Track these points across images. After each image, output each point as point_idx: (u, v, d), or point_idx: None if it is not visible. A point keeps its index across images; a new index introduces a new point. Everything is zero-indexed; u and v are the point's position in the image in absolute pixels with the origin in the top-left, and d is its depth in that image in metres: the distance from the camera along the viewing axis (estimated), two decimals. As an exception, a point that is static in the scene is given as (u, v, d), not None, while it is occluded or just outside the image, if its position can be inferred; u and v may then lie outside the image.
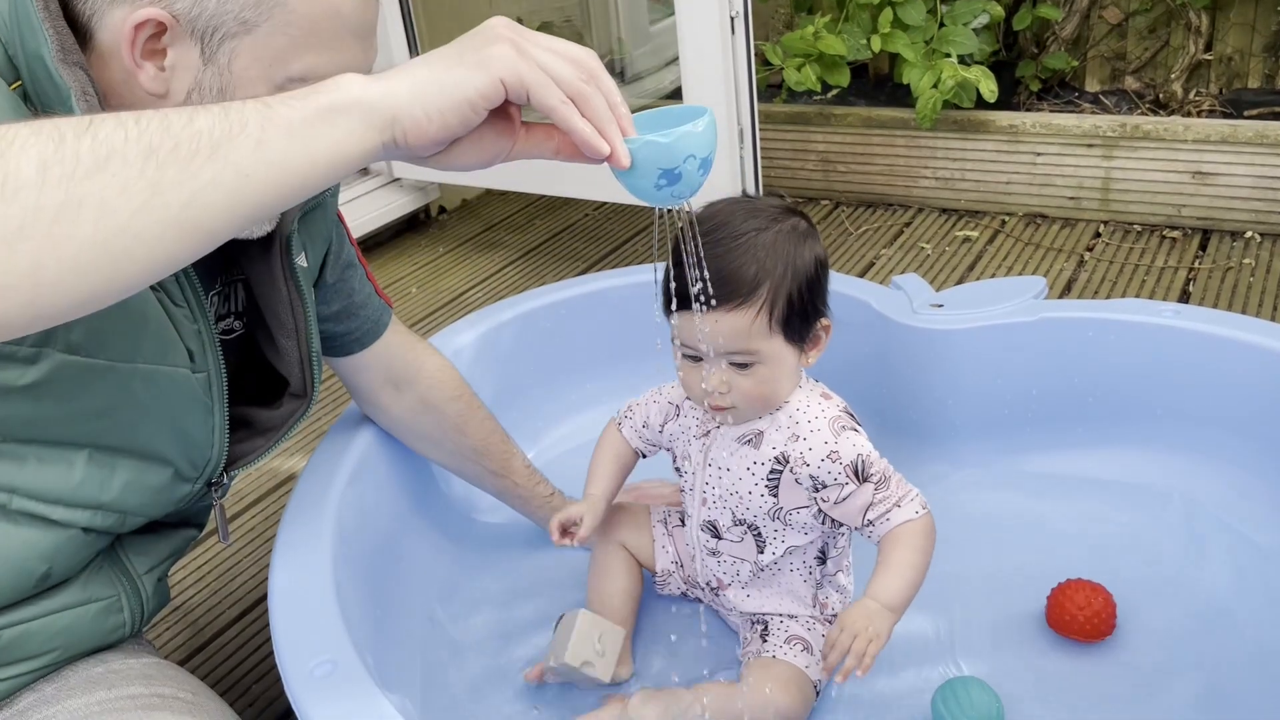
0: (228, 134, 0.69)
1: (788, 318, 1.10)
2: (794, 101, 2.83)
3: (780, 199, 1.17)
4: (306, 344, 1.08)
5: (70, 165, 0.64)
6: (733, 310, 1.07)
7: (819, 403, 1.17)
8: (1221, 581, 1.32)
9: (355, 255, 1.25)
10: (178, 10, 0.82)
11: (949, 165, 2.61)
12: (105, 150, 0.65)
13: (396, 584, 1.35)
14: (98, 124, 0.66)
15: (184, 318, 0.96)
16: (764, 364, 1.11)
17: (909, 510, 1.13)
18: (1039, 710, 1.19)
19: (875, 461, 1.14)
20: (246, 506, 1.78)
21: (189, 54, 0.83)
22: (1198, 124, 2.32)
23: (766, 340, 1.10)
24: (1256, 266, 2.17)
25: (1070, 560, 1.35)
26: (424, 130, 0.75)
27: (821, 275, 1.13)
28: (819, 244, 1.14)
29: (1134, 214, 2.44)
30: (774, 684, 1.17)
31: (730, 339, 1.09)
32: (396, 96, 0.74)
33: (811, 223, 1.15)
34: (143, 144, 0.66)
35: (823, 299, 1.14)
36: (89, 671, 0.97)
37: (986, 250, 2.42)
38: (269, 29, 0.83)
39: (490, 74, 0.75)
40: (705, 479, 1.22)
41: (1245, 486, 1.41)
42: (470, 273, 2.63)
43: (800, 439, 1.14)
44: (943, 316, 1.52)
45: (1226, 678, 1.20)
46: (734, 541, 1.23)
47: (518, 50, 0.76)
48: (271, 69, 0.85)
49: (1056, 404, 1.52)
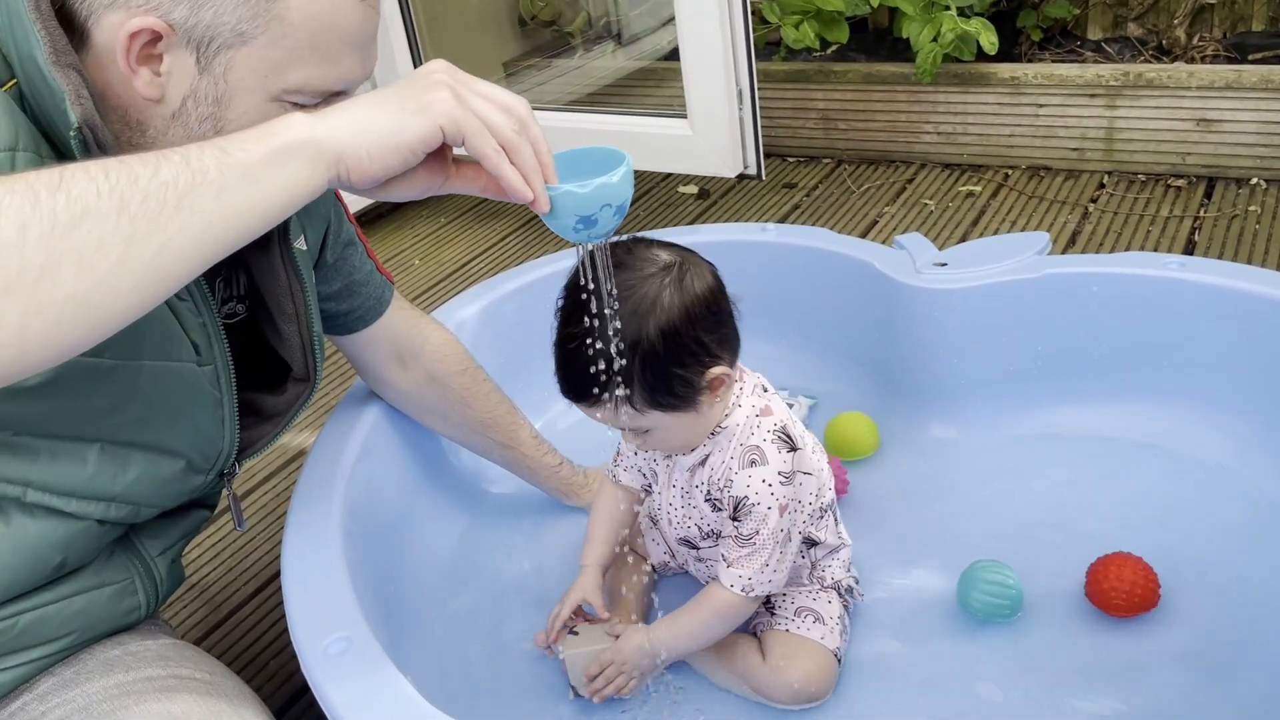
0: (191, 184, 0.72)
1: (652, 399, 1.06)
2: (793, 59, 2.80)
3: (662, 246, 1.09)
4: (307, 328, 1.08)
5: (48, 224, 0.66)
6: (591, 408, 1.08)
7: (753, 423, 1.13)
8: (1245, 543, 1.31)
9: (355, 233, 1.24)
10: (174, 19, 0.82)
11: (951, 120, 2.59)
12: (80, 207, 0.68)
13: (409, 558, 1.36)
14: (69, 180, 0.68)
15: (188, 311, 0.96)
16: (656, 431, 1.10)
17: (735, 577, 1.11)
18: (1084, 686, 1.17)
19: (759, 515, 1.10)
20: (259, 483, 1.79)
21: (184, 62, 0.84)
22: (1202, 70, 2.30)
23: (642, 419, 1.08)
24: (1262, 213, 2.16)
25: (1096, 527, 1.35)
26: (366, 170, 0.79)
27: (680, 341, 1.04)
28: (686, 298, 1.04)
29: (1138, 163, 2.42)
30: (796, 661, 1.17)
31: (609, 423, 1.09)
32: (341, 137, 0.78)
33: (682, 269, 1.06)
34: (115, 199, 0.69)
35: (695, 358, 1.05)
36: (106, 654, 0.98)
37: (990, 205, 2.40)
38: (266, 41, 0.84)
39: (430, 120, 0.80)
40: (669, 500, 1.23)
41: (1257, 439, 1.41)
42: (472, 243, 2.62)
43: (722, 461, 1.14)
44: (946, 276, 1.51)
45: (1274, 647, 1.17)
46: (711, 546, 1.24)
47: (457, 98, 0.81)
48: (268, 80, 0.86)
49: (1063, 361, 1.52)
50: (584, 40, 3.23)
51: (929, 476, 1.51)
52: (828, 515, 1.24)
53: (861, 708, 1.19)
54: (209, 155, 0.73)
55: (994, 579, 1.24)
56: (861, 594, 1.30)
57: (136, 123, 0.88)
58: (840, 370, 1.68)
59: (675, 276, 1.05)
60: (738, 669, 1.21)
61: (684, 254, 1.09)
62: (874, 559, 1.36)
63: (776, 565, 1.12)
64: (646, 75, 2.95)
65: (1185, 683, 1.16)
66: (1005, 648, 1.23)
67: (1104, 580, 1.23)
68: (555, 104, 2.99)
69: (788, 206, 2.55)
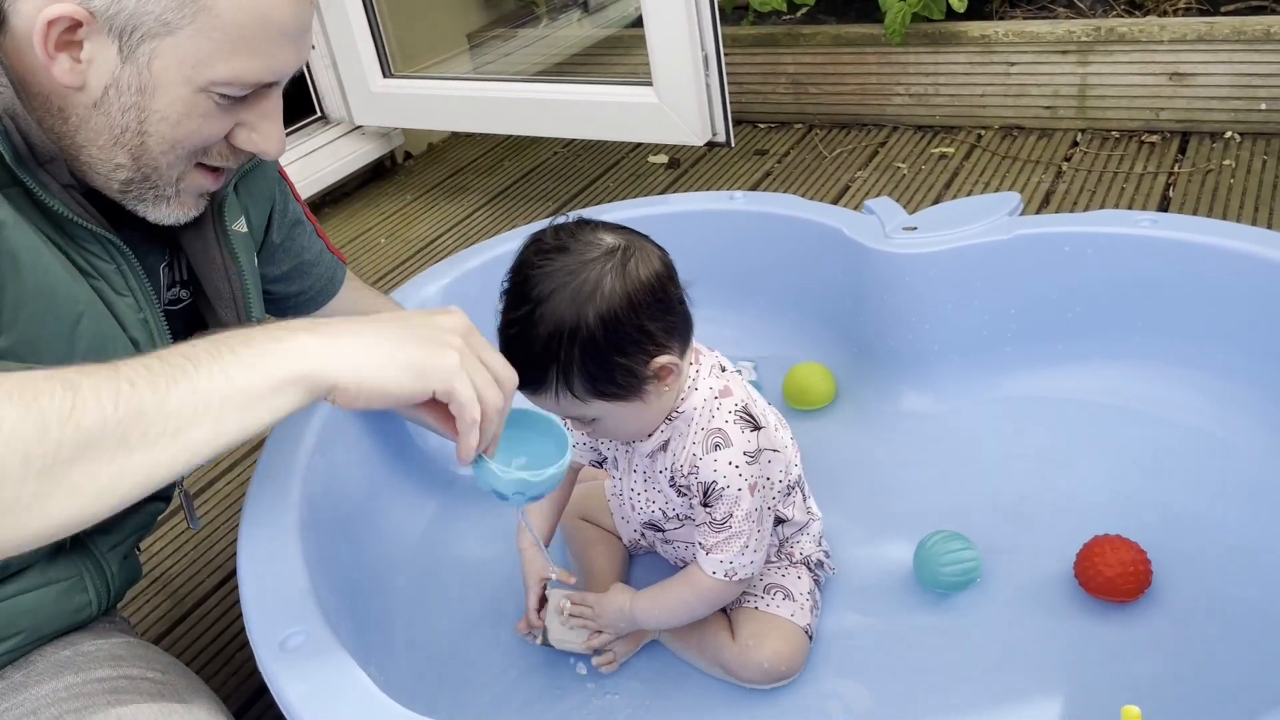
0: (193, 417, 0.73)
1: (594, 388, 1.02)
2: (761, 23, 2.76)
3: (593, 226, 1.05)
4: (246, 313, 1.05)
5: (51, 457, 0.67)
6: (534, 396, 1.04)
7: (712, 405, 1.10)
8: (1227, 507, 1.28)
9: (302, 212, 1.21)
10: (94, 6, 0.79)
11: (922, 81, 2.55)
12: (84, 439, 0.68)
13: (374, 546, 1.33)
14: (79, 409, 0.68)
15: (127, 307, 0.93)
16: (602, 419, 1.07)
17: (716, 563, 1.09)
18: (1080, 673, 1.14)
19: (730, 498, 1.07)
20: (222, 473, 1.76)
21: (106, 50, 0.81)
22: (1173, 23, 2.26)
23: (586, 408, 1.04)
24: (1237, 167, 2.13)
25: (1075, 495, 1.33)
26: (352, 403, 0.80)
27: (622, 330, 1.00)
28: (629, 284, 1.00)
29: (1111, 120, 2.39)
30: (765, 640, 1.16)
31: (554, 411, 1.04)
32: (343, 371, 0.78)
33: (626, 253, 1.01)
34: (119, 432, 0.70)
35: (638, 346, 1.01)
36: (57, 655, 0.95)
37: (963, 166, 2.37)
38: (192, 32, 0.81)
39: (426, 385, 0.81)
40: (631, 485, 1.20)
41: (1230, 397, 1.39)
42: (440, 219, 2.58)
43: (683, 447, 1.11)
44: (916, 240, 1.48)
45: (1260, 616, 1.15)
46: (677, 528, 1.21)
47: (461, 366, 0.82)
48: (194, 72, 0.83)
49: (1036, 322, 1.49)
50: (549, 9, 3.17)
51: (902, 445, 1.49)
52: (795, 492, 1.22)
53: (833, 684, 1.17)
54: (215, 378, 0.74)
55: (950, 553, 1.22)
56: (833, 568, 1.28)
57: (58, 110, 0.85)
58: (811, 338, 1.65)
59: (619, 261, 1.01)
60: (708, 649, 1.19)
61: (631, 237, 1.04)
62: (844, 531, 1.34)
63: (756, 546, 1.09)
64: (614, 43, 2.90)
65: (1165, 651, 1.14)
66: (978, 621, 1.21)
67: (1103, 567, 1.17)
68: (521, 74, 2.94)
69: (759, 174, 2.51)
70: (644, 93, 2.25)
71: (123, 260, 0.93)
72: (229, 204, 1.03)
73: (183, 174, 0.91)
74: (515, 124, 2.56)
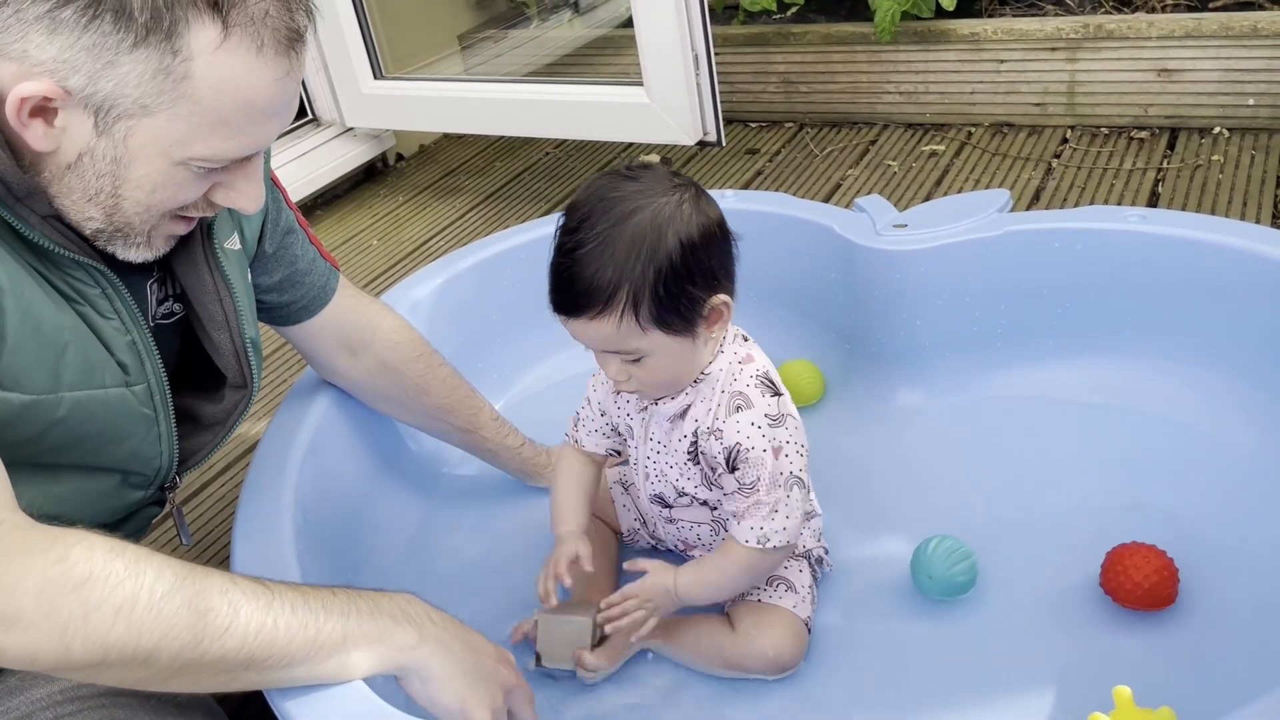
0: (305, 655, 0.86)
1: (659, 315, 1.02)
2: (752, 22, 2.76)
3: (662, 168, 1.08)
4: (240, 335, 1.05)
5: (194, 664, 0.79)
6: (595, 319, 1.03)
7: (734, 370, 1.12)
8: (1221, 502, 1.28)
9: (295, 220, 1.20)
10: (70, 85, 0.78)
11: (912, 79, 2.55)
12: (219, 657, 0.80)
13: (367, 548, 1.33)
14: (232, 629, 0.81)
15: (114, 330, 0.93)
16: (652, 356, 1.06)
17: (747, 530, 1.09)
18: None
19: (755, 459, 1.07)
20: (216, 475, 1.76)
21: (81, 123, 0.81)
22: (1161, 19, 2.27)
23: (643, 339, 1.04)
24: (1225, 163, 2.14)
25: (1069, 498, 1.33)
26: (405, 689, 0.95)
27: (698, 257, 1.02)
28: (701, 218, 1.03)
29: (1100, 116, 2.40)
30: (765, 630, 1.16)
31: (605, 342, 1.05)
32: (418, 668, 0.93)
33: (697, 191, 1.05)
34: (247, 657, 0.82)
35: (706, 279, 1.04)
36: None
37: (954, 164, 2.38)
38: (171, 116, 0.81)
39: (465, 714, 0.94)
40: (646, 454, 1.20)
41: (1219, 391, 1.39)
42: (432, 221, 2.58)
43: (708, 410, 1.11)
44: (906, 237, 1.49)
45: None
46: (685, 507, 1.22)
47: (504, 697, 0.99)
48: (172, 149, 0.83)
49: (1026, 318, 1.50)
50: (540, 9, 3.17)
51: (896, 443, 1.50)
52: None
53: (834, 679, 1.17)
54: (347, 644, 0.89)
55: (948, 561, 1.21)
56: (830, 564, 1.28)
57: (30, 164, 0.84)
58: (803, 336, 1.65)
59: (693, 195, 1.04)
60: (709, 646, 1.19)
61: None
62: (841, 529, 1.35)
63: (787, 512, 1.08)
64: (605, 43, 2.90)
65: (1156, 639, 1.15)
66: (977, 620, 1.22)
67: (1139, 579, 1.15)
68: (512, 75, 2.94)
69: (751, 173, 2.51)
70: (635, 93, 2.25)
71: (107, 284, 0.92)
72: (220, 221, 1.02)
73: (156, 225, 0.91)
74: (507, 125, 2.56)
